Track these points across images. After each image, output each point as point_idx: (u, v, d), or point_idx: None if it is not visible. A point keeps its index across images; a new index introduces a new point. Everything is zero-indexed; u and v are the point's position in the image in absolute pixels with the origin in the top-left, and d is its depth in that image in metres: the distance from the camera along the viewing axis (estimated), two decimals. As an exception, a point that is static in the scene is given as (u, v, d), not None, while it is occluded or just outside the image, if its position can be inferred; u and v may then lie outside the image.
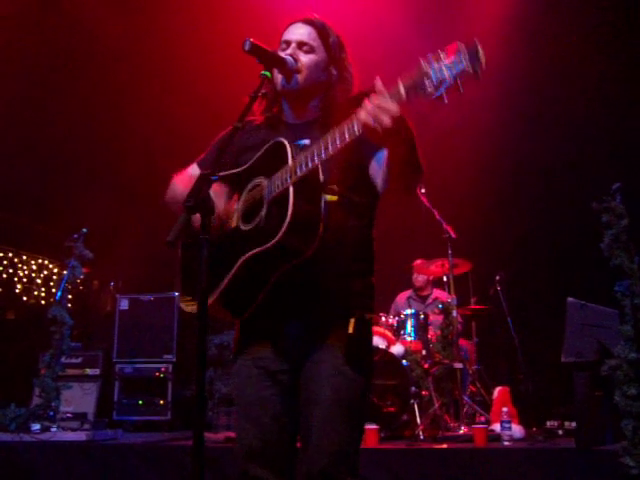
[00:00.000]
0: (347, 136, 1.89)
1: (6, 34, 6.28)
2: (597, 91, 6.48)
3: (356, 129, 1.86)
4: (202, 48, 6.52)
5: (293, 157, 2.02)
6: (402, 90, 1.75)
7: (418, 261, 6.57)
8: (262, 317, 2.18)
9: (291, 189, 1.98)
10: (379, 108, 1.77)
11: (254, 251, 2.02)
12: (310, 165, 1.95)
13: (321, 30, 2.31)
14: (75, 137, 7.41)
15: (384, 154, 2.04)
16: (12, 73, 6.64)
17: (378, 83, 1.82)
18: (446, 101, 1.68)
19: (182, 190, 2.35)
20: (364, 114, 1.81)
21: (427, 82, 1.68)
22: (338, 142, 1.90)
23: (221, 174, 2.16)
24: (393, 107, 1.77)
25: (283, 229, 1.94)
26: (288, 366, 2.15)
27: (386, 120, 1.77)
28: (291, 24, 2.33)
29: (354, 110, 2.21)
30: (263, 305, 2.13)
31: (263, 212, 2.07)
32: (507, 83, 6.03)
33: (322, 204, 2.02)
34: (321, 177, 2.03)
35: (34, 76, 6.86)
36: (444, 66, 1.66)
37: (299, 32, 2.29)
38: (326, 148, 1.92)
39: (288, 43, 2.28)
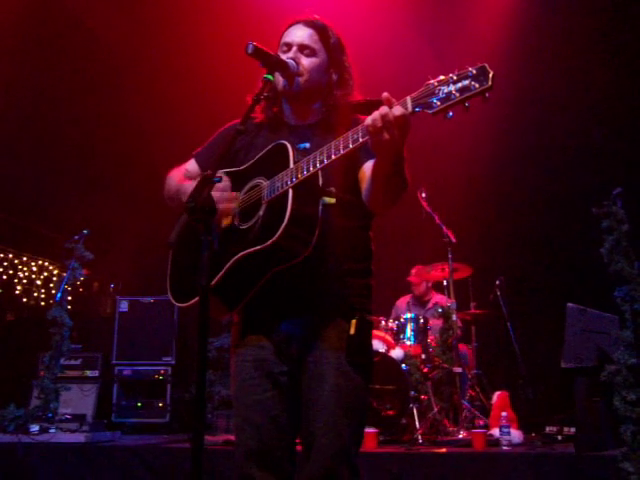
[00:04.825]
0: (351, 145, 1.90)
1: (7, 39, 6.30)
2: (599, 96, 6.48)
3: (361, 139, 1.87)
4: (204, 52, 6.54)
5: (295, 160, 2.03)
6: (409, 105, 1.77)
7: (414, 270, 6.56)
8: (260, 315, 2.18)
9: (290, 192, 1.99)
10: (385, 119, 1.78)
11: (250, 250, 2.03)
12: (312, 170, 1.96)
13: (322, 32, 2.30)
14: (76, 140, 7.43)
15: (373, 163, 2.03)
16: (15, 77, 6.65)
17: (386, 95, 1.82)
18: (451, 116, 1.71)
19: (176, 183, 2.36)
20: (370, 122, 1.81)
21: (434, 100, 1.71)
22: (342, 150, 1.91)
23: (220, 170, 2.17)
24: (398, 120, 1.77)
25: (280, 231, 1.95)
26: (288, 368, 2.15)
27: (387, 133, 1.78)
28: (292, 25, 2.32)
29: (356, 115, 2.22)
30: (259, 302, 2.13)
31: (261, 212, 2.08)
32: (509, 87, 6.03)
33: (320, 208, 2.03)
34: (320, 181, 2.04)
35: (36, 81, 6.87)
36: (454, 88, 1.68)
37: (300, 34, 2.28)
38: (329, 156, 1.93)
39: (289, 45, 2.28)
